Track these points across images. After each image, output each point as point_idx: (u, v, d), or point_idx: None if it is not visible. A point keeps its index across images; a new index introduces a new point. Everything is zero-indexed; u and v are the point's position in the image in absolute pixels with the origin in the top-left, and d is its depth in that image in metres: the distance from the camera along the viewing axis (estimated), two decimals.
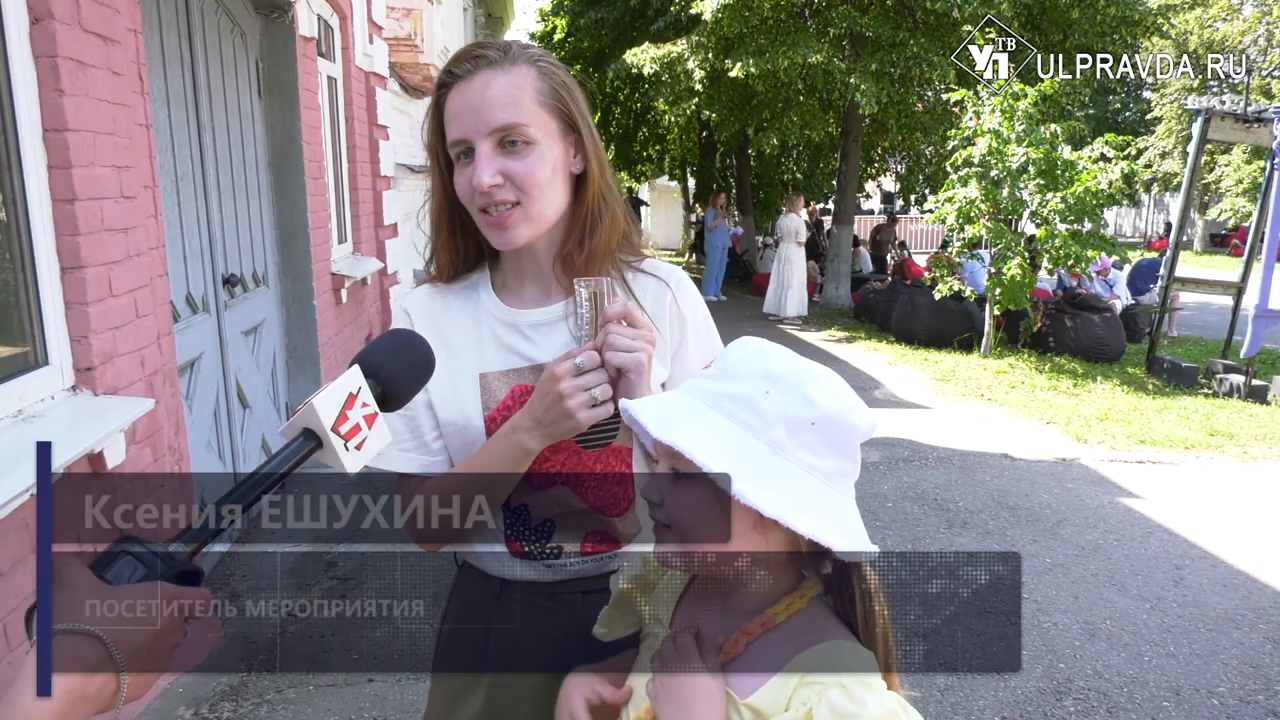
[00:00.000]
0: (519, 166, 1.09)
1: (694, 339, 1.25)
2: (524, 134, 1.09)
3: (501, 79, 1.09)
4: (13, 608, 2.04)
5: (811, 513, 0.82)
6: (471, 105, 1.08)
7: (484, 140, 1.08)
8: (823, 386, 0.86)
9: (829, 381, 0.88)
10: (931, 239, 22.34)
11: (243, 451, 4.06)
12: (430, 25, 7.56)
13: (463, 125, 1.09)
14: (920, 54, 10.16)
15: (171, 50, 3.39)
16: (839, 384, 0.88)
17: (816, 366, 0.89)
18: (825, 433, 0.85)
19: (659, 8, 12.69)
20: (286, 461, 0.81)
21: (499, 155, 1.09)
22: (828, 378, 0.88)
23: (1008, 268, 8.10)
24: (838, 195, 13.22)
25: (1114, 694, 2.96)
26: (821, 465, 0.85)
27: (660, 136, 19.63)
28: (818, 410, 0.84)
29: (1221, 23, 27.63)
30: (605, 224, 1.17)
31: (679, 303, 1.24)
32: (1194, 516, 4.61)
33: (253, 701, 2.75)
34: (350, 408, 0.83)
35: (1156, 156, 28.88)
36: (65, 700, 0.61)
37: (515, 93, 1.09)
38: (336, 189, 5.66)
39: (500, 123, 1.08)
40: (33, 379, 2.25)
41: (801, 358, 0.90)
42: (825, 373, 0.88)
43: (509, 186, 1.09)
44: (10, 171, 2.19)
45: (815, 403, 0.85)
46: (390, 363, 0.91)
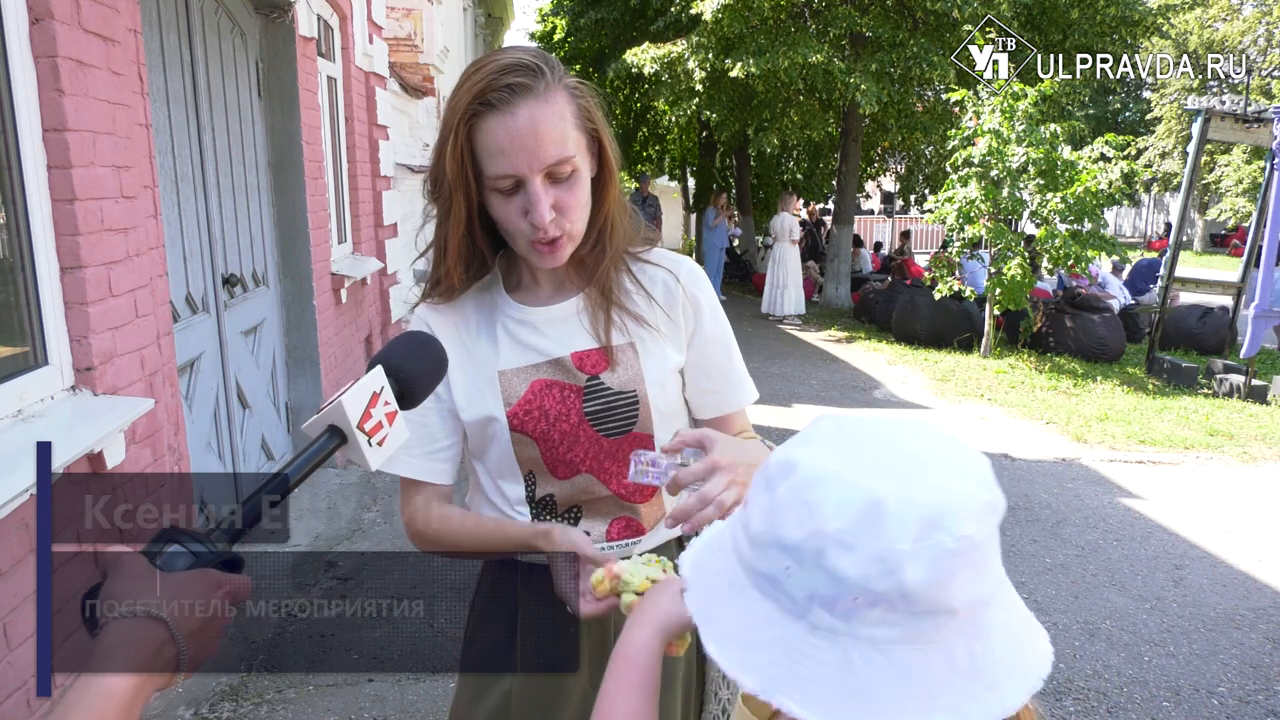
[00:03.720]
0: (569, 198, 1.12)
1: (709, 324, 1.28)
2: (573, 164, 1.11)
3: (547, 112, 1.08)
4: (13, 608, 2.04)
5: (879, 699, 0.61)
6: (522, 143, 1.07)
7: (537, 176, 1.09)
8: (848, 547, 0.61)
9: (859, 531, 0.61)
10: (932, 239, 22.33)
11: (242, 451, 4.06)
12: (430, 25, 7.56)
13: (515, 162, 1.08)
14: (920, 54, 10.16)
15: (171, 50, 3.39)
16: (874, 531, 0.60)
17: (841, 507, 0.62)
18: (876, 599, 0.61)
19: (659, 8, 12.68)
20: (315, 456, 0.85)
21: (550, 188, 1.11)
22: (857, 529, 0.61)
23: (1008, 268, 8.10)
24: (838, 195, 13.22)
25: (1114, 694, 2.96)
26: (891, 634, 0.61)
27: (660, 136, 19.64)
28: (848, 585, 0.61)
29: (1221, 23, 27.64)
30: (621, 228, 1.21)
31: (690, 290, 1.26)
32: (1194, 516, 4.61)
33: (253, 701, 2.75)
34: (374, 406, 0.88)
35: (1156, 156, 28.88)
36: (136, 678, 0.67)
37: (562, 125, 1.09)
38: (336, 189, 5.66)
39: (554, 159, 1.09)
40: (32, 379, 2.25)
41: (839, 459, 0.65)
42: (856, 519, 0.61)
43: (558, 219, 1.12)
44: (10, 171, 2.19)
45: (842, 578, 0.61)
46: (409, 363, 0.95)
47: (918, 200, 17.00)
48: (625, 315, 1.21)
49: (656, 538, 1.26)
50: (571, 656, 1.24)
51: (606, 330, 1.20)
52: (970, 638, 0.62)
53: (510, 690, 1.24)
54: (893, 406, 6.99)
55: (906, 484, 0.62)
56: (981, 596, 0.63)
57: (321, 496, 4.48)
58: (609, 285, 1.22)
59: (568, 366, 1.19)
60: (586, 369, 1.19)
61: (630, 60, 11.65)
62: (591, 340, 1.20)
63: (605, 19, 14.69)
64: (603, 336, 1.20)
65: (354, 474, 4.75)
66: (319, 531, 4.06)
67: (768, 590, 0.65)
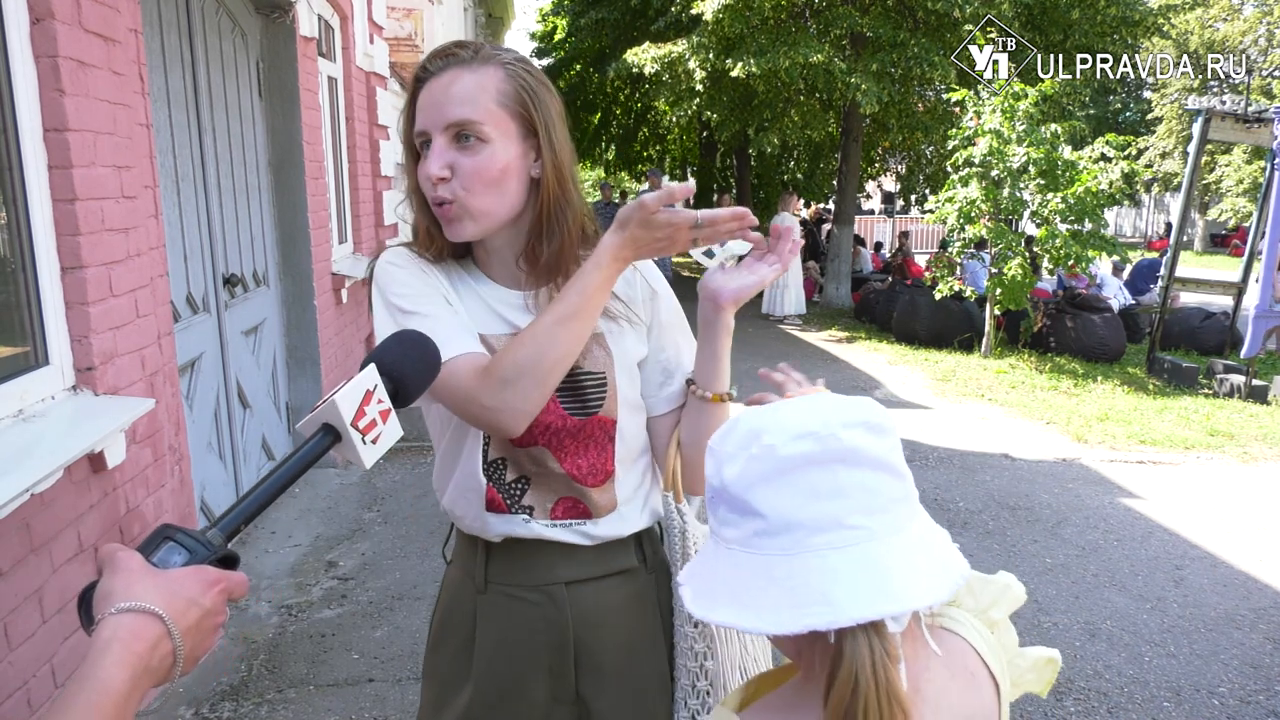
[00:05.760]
0: (467, 162, 1.12)
1: (666, 313, 1.28)
2: (478, 131, 1.12)
3: (467, 77, 1.13)
4: (13, 608, 2.04)
5: (717, 593, 0.75)
6: (434, 99, 1.13)
7: (440, 134, 1.13)
8: (709, 456, 0.79)
9: (725, 443, 0.77)
10: (932, 239, 22.33)
11: (243, 451, 4.07)
12: (431, 25, 7.56)
13: (425, 118, 1.14)
14: (921, 54, 10.16)
15: (172, 50, 3.39)
16: (725, 439, 0.77)
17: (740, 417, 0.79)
18: (715, 495, 0.77)
19: (659, 8, 12.69)
20: (309, 454, 0.85)
21: (451, 149, 1.13)
22: (724, 442, 0.77)
23: (1008, 268, 8.10)
24: (838, 195, 13.22)
25: (1114, 694, 2.96)
26: (735, 535, 0.75)
27: (661, 136, 19.67)
28: (708, 486, 0.78)
29: (1222, 23, 27.64)
30: (561, 231, 1.18)
31: (648, 282, 1.28)
32: (1194, 517, 4.61)
33: (253, 701, 2.75)
34: (367, 404, 0.88)
35: (1157, 156, 28.88)
36: (132, 672, 0.67)
37: (476, 91, 1.12)
38: (337, 189, 5.66)
39: (455, 118, 1.11)
40: (33, 379, 2.25)
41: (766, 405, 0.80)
42: (729, 435, 0.77)
43: (453, 183, 1.13)
44: (11, 171, 2.19)
45: (707, 478, 0.79)
46: (402, 361, 0.95)
47: (918, 200, 17.01)
48: None
49: (607, 527, 1.23)
50: (526, 674, 1.23)
51: None
52: (789, 555, 0.71)
53: (471, 702, 1.24)
54: (893, 407, 6.99)
55: (763, 413, 0.77)
56: (799, 517, 0.71)
57: (321, 496, 4.48)
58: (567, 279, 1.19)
59: None
60: None
61: (631, 60, 11.65)
62: None
63: (605, 19, 14.70)
64: None
65: (354, 474, 4.75)
66: (319, 531, 4.06)
67: None
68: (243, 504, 0.80)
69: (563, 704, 1.24)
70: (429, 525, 4.11)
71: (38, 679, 2.13)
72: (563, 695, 1.23)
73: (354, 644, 3.10)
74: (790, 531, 0.72)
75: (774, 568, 0.71)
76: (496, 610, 1.24)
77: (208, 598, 0.73)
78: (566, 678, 1.23)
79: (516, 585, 1.24)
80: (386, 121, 6.54)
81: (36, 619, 2.13)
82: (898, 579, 0.70)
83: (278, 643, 3.09)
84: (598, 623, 1.24)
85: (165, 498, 2.87)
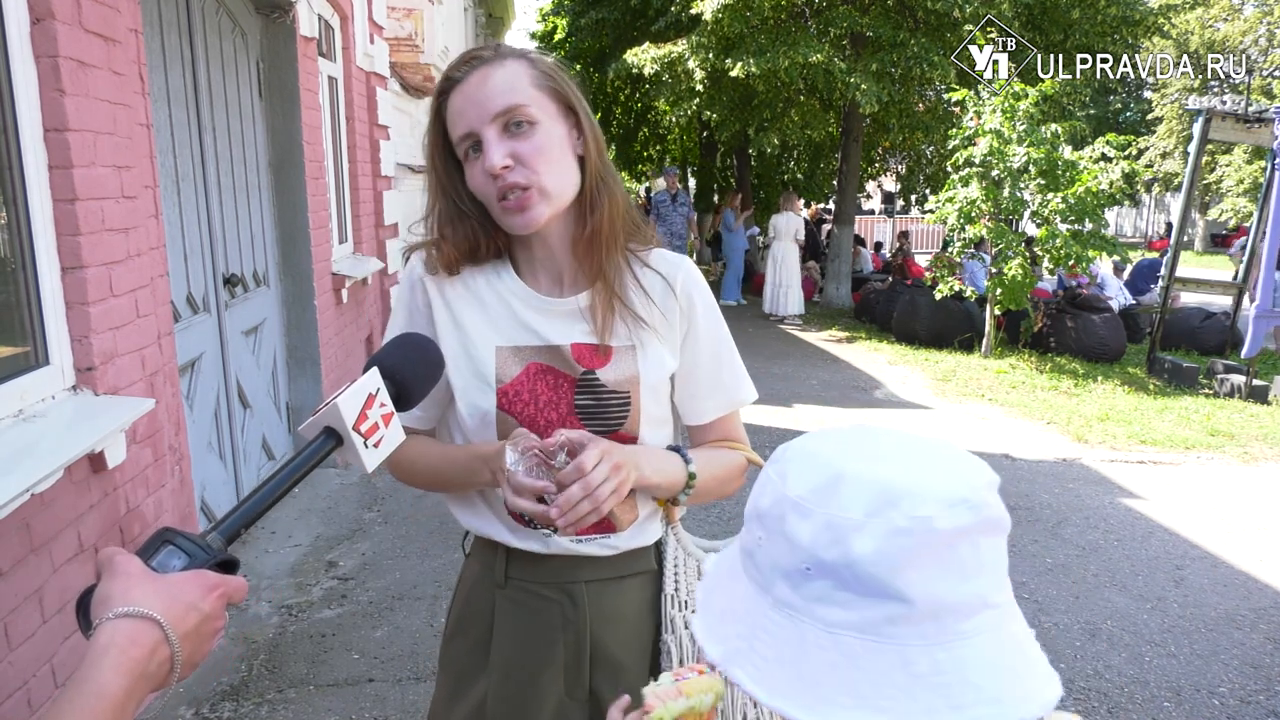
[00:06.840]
0: (526, 146, 1.12)
1: (704, 326, 1.27)
2: (526, 114, 1.12)
3: (496, 70, 1.14)
4: (13, 608, 2.04)
5: (825, 688, 0.59)
6: (473, 99, 1.13)
7: (489, 127, 1.12)
8: (805, 514, 0.61)
9: (817, 499, 0.61)
10: (932, 239, 22.33)
11: (243, 451, 4.07)
12: (431, 25, 7.56)
13: (468, 119, 1.13)
14: (921, 54, 10.15)
15: (172, 50, 3.39)
16: (829, 498, 0.60)
17: (817, 470, 0.63)
18: (825, 570, 0.60)
19: (659, 8, 12.69)
20: (311, 458, 0.85)
21: (506, 139, 1.12)
22: (815, 496, 0.61)
23: (1009, 268, 8.10)
24: (838, 195, 13.21)
25: (1114, 694, 2.96)
26: (845, 618, 0.59)
27: (661, 136, 19.65)
28: (800, 552, 0.61)
29: (1222, 23, 27.63)
30: (605, 203, 1.19)
31: (686, 292, 1.26)
32: (1195, 517, 4.60)
33: (253, 701, 2.75)
34: (370, 407, 0.88)
35: (1157, 156, 28.87)
36: (130, 678, 0.66)
37: (513, 79, 1.13)
38: (337, 189, 5.66)
39: (502, 106, 1.12)
40: (33, 379, 2.25)
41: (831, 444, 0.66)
42: (816, 488, 0.61)
43: (519, 169, 1.12)
44: (11, 171, 2.19)
45: (796, 544, 0.61)
46: (404, 365, 0.96)
47: (918, 200, 17.00)
48: (629, 315, 1.21)
49: (629, 539, 1.24)
50: (547, 662, 1.23)
51: (610, 329, 1.20)
52: (934, 645, 0.58)
53: (486, 695, 1.24)
54: (893, 407, 6.98)
55: (875, 464, 0.62)
56: (950, 600, 0.59)
57: (321, 496, 4.48)
58: (615, 281, 1.21)
59: (565, 356, 1.19)
60: (584, 362, 1.19)
61: (631, 60, 11.65)
62: (593, 336, 1.20)
63: (605, 19, 14.69)
64: (605, 334, 1.20)
65: (354, 474, 4.75)
66: (319, 531, 4.06)
67: (748, 567, 0.66)
68: (243, 508, 0.80)
69: (576, 700, 1.24)
70: (429, 525, 4.11)
71: (38, 679, 2.13)
72: (577, 691, 1.24)
73: (354, 644, 3.09)
74: (938, 619, 0.59)
75: (914, 662, 0.58)
76: (515, 605, 1.25)
77: (206, 603, 0.72)
78: (581, 674, 1.24)
79: (537, 583, 1.24)
80: (387, 121, 6.54)
81: (36, 619, 2.13)
82: (1039, 661, 0.61)
83: (278, 643, 3.09)
84: (615, 621, 1.25)
85: (165, 498, 2.87)
